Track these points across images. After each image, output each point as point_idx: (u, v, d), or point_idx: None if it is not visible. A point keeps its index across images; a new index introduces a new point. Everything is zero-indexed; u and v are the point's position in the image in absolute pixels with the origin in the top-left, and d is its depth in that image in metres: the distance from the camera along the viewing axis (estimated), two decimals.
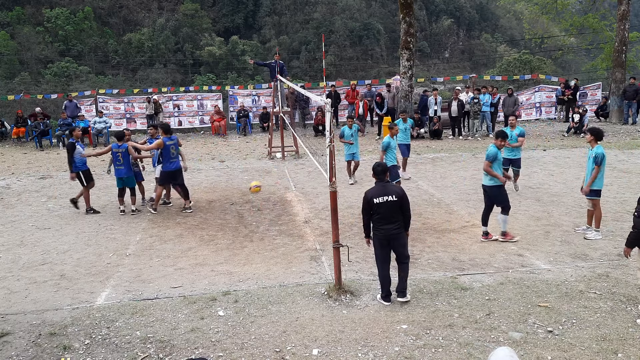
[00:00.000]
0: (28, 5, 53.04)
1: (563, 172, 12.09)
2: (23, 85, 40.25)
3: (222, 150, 16.24)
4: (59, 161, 15.23)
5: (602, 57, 25.15)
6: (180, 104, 20.41)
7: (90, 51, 51.83)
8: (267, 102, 19.88)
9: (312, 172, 12.68)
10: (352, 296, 6.06)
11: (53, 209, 10.25)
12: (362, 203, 5.85)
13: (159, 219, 9.46)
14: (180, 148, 10.08)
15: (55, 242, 8.37)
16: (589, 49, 34.50)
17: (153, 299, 6.22)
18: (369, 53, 62.28)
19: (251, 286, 6.48)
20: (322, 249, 7.69)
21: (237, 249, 7.83)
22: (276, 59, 16.19)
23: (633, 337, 5.09)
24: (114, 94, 21.75)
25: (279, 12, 62.52)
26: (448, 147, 15.60)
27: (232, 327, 5.50)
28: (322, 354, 4.96)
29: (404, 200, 5.78)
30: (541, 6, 24.18)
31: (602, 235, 7.81)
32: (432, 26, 69.41)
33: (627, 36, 19.55)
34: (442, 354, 4.89)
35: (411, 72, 17.59)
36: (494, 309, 5.72)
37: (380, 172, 5.85)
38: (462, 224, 8.70)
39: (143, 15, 58.40)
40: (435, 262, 7.12)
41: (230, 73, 49.96)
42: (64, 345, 5.21)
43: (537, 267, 6.85)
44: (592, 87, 21.50)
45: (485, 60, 62.26)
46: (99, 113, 18.55)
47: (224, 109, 20.68)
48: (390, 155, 9.60)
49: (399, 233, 5.80)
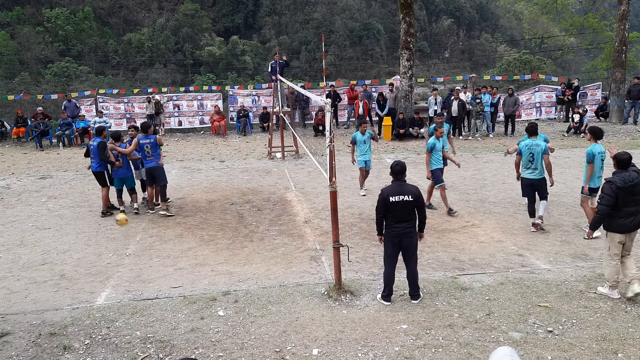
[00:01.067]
0: (28, 5, 53.05)
1: (563, 172, 12.08)
2: (23, 85, 40.26)
3: (222, 150, 16.23)
4: (59, 161, 15.24)
5: (602, 57, 25.15)
6: (180, 104, 20.40)
7: (90, 51, 51.85)
8: (267, 102, 19.87)
9: (312, 172, 12.68)
10: (352, 296, 6.07)
11: (53, 209, 10.24)
12: (378, 201, 5.82)
13: (159, 219, 9.46)
14: (160, 148, 9.77)
15: (55, 242, 8.37)
16: (589, 49, 34.51)
17: (153, 299, 6.22)
18: (369, 53, 62.32)
19: (251, 286, 6.48)
20: (322, 249, 7.69)
21: (237, 249, 7.83)
22: (276, 59, 16.22)
23: (633, 337, 5.09)
24: (114, 94, 21.74)
25: (279, 12, 62.56)
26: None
27: (232, 327, 5.50)
28: (322, 354, 4.96)
29: (420, 201, 5.78)
30: (541, 6, 24.18)
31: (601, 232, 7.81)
32: (432, 26, 69.45)
33: (627, 36, 19.54)
34: (442, 354, 4.89)
35: (411, 72, 17.58)
36: (494, 309, 5.72)
37: (398, 171, 5.83)
38: (462, 224, 8.70)
39: (143, 15, 58.42)
40: (435, 262, 7.12)
41: (230, 73, 49.99)
42: (64, 345, 5.21)
43: (537, 267, 6.85)
44: (592, 87, 21.49)
45: (485, 60, 62.29)
46: (99, 113, 18.54)
47: (224, 109, 20.67)
48: (435, 157, 9.33)
49: (411, 232, 5.81)
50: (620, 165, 5.87)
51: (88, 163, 10.14)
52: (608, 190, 5.73)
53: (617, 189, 5.67)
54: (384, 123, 17.34)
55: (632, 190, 5.70)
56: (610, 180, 5.81)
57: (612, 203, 5.69)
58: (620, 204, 5.71)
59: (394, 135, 17.00)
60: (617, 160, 5.90)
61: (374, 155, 14.70)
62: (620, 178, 5.73)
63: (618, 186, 5.68)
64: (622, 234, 5.82)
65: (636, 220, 5.79)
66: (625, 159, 5.85)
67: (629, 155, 5.88)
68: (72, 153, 16.42)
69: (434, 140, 9.37)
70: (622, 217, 5.75)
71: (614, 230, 5.83)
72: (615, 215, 5.75)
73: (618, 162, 5.89)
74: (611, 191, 5.70)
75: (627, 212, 5.74)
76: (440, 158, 9.45)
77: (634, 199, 5.73)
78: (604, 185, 5.88)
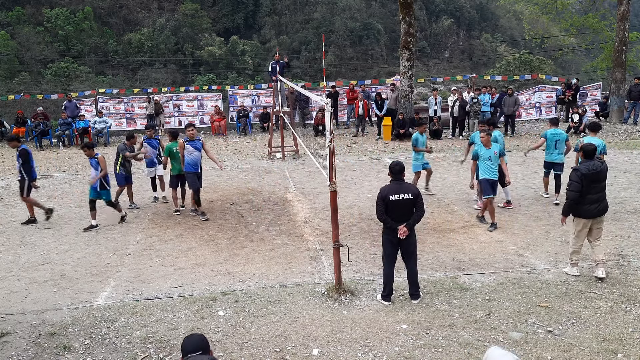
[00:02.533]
0: (28, 5, 53.07)
1: (563, 172, 12.07)
2: (23, 85, 40.25)
3: (222, 150, 16.23)
4: (59, 161, 15.24)
5: (602, 57, 25.14)
6: (180, 104, 20.40)
7: (90, 51, 51.87)
8: (267, 102, 19.88)
9: (312, 172, 12.68)
10: (352, 296, 6.07)
11: (53, 209, 10.23)
12: (377, 200, 5.83)
13: (159, 219, 9.46)
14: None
15: (55, 242, 8.37)
16: (589, 49, 34.51)
17: (153, 299, 6.22)
18: (369, 53, 62.35)
19: (251, 286, 6.48)
20: (322, 249, 7.69)
21: (237, 249, 7.83)
22: (276, 59, 16.22)
23: (633, 337, 5.09)
24: (114, 94, 21.75)
25: (279, 12, 62.58)
26: (448, 147, 15.59)
27: (232, 327, 5.50)
28: (322, 354, 4.96)
29: (419, 199, 5.79)
30: (541, 6, 24.17)
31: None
32: (432, 26, 69.48)
33: (627, 36, 19.54)
34: (442, 354, 4.89)
35: (411, 72, 17.58)
36: (494, 309, 5.72)
37: (397, 171, 5.86)
38: (462, 224, 8.70)
39: (143, 15, 58.43)
40: (435, 262, 7.12)
41: (230, 73, 50.01)
42: (64, 345, 5.21)
43: (537, 267, 6.85)
44: (592, 87, 21.49)
45: (485, 60, 62.33)
46: (99, 113, 18.55)
47: (224, 109, 20.67)
48: (481, 166, 8.52)
49: (410, 232, 5.81)
50: (586, 155, 6.30)
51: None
52: (574, 177, 6.18)
53: (582, 176, 6.10)
54: (384, 123, 17.32)
55: (595, 178, 6.14)
56: (576, 168, 6.32)
57: (579, 189, 6.12)
58: (585, 192, 6.14)
59: (394, 135, 17.00)
60: (583, 151, 6.36)
61: (374, 155, 14.74)
62: (585, 166, 6.17)
63: (583, 173, 6.10)
64: (586, 219, 6.27)
65: (600, 206, 6.26)
66: (590, 149, 6.30)
67: (594, 146, 6.38)
68: (72, 153, 16.41)
69: (480, 148, 8.60)
70: (586, 203, 6.19)
71: (579, 216, 6.31)
72: (580, 202, 6.20)
73: (584, 152, 6.33)
74: (577, 178, 6.13)
75: (591, 199, 6.18)
76: (486, 168, 8.46)
77: (597, 186, 6.18)
78: (570, 174, 6.31)
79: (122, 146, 9.91)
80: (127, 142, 10.03)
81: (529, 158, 13.38)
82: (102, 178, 8.89)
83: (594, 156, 6.34)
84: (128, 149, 9.92)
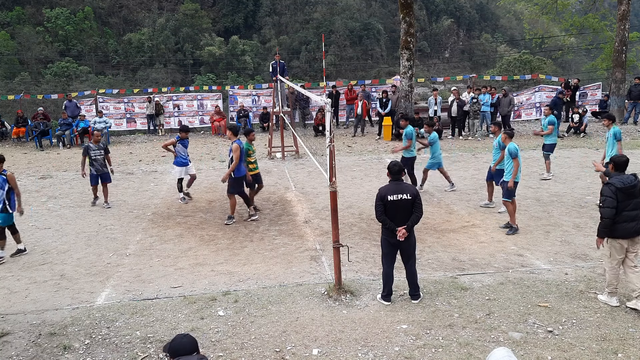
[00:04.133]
0: (28, 5, 53.10)
1: (563, 172, 12.09)
2: (23, 85, 40.29)
3: (222, 150, 16.22)
4: (59, 161, 15.23)
5: (602, 57, 25.17)
6: (180, 104, 20.39)
7: (90, 51, 51.91)
8: (267, 102, 19.87)
9: (312, 172, 12.68)
10: (352, 296, 6.07)
11: (53, 209, 10.24)
12: (375, 200, 5.81)
13: (159, 219, 9.46)
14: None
15: (55, 242, 8.37)
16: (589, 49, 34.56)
17: (153, 299, 6.22)
18: (369, 53, 62.38)
19: (251, 286, 6.48)
20: (322, 249, 7.69)
21: (237, 249, 7.83)
22: (276, 59, 16.22)
23: (633, 337, 5.09)
24: (114, 94, 21.73)
25: (279, 12, 62.63)
26: (448, 147, 15.59)
27: (232, 327, 5.50)
28: (322, 353, 4.96)
29: (417, 200, 5.78)
30: (541, 6, 24.17)
31: None
32: (432, 26, 69.51)
33: (627, 36, 19.54)
34: (442, 354, 4.89)
35: (411, 72, 17.57)
36: (494, 309, 5.72)
37: (396, 171, 5.86)
38: (462, 224, 8.70)
39: (143, 15, 58.45)
40: (435, 262, 7.12)
41: (230, 73, 50.06)
42: (64, 345, 5.21)
43: (537, 267, 6.85)
44: (592, 87, 21.49)
45: (485, 60, 62.37)
46: (99, 113, 18.53)
47: (224, 109, 20.66)
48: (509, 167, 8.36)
49: (408, 232, 5.81)
50: (618, 168, 5.75)
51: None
52: (608, 192, 5.57)
53: (616, 190, 5.52)
54: (384, 123, 17.31)
55: (631, 192, 5.54)
56: (608, 182, 5.68)
57: (614, 205, 5.50)
58: (621, 208, 5.52)
59: (394, 135, 16.99)
60: (614, 163, 5.79)
61: (374, 155, 14.74)
62: (619, 180, 5.58)
63: (617, 187, 5.53)
64: (624, 239, 5.60)
65: (639, 225, 5.57)
66: (622, 162, 5.74)
67: (626, 158, 5.78)
68: (72, 153, 16.41)
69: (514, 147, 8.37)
70: (623, 221, 5.54)
71: (616, 236, 5.61)
72: (616, 220, 5.54)
73: (615, 164, 5.78)
74: (611, 192, 5.53)
75: (629, 217, 5.54)
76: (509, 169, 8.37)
77: (634, 201, 5.55)
78: (603, 188, 5.72)
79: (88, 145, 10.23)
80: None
81: (529, 158, 13.39)
82: (5, 199, 7.66)
83: (626, 168, 5.73)
84: (93, 147, 10.14)
